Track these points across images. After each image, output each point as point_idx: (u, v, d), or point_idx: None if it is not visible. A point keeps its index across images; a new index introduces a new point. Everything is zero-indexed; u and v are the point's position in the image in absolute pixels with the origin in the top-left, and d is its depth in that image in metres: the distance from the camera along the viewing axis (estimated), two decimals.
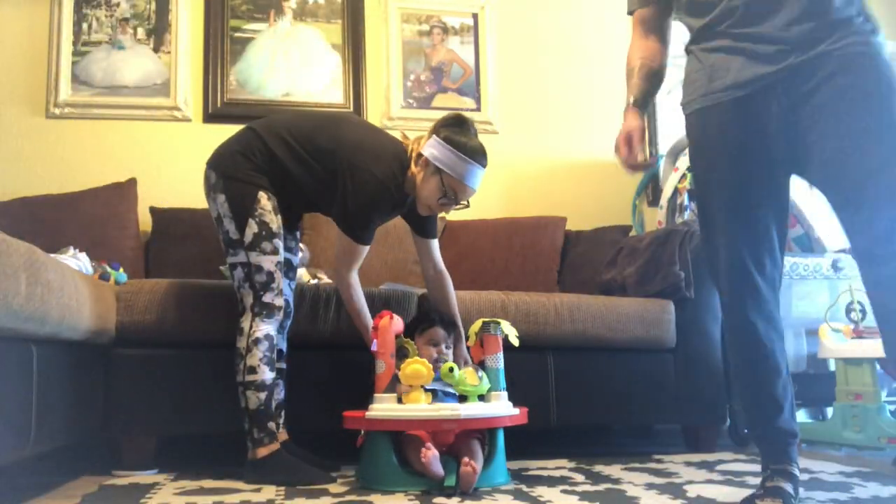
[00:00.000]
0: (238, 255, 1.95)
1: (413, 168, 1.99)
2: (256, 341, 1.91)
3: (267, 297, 1.94)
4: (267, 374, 1.91)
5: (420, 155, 1.97)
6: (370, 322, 1.98)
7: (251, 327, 1.92)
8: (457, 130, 1.96)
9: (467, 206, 2.01)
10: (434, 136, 1.97)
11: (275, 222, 1.97)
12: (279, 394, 2.06)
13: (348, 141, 1.98)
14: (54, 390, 1.66)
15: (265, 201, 1.96)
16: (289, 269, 2.16)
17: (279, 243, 1.98)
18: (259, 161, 1.98)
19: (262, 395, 1.90)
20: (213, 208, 2.00)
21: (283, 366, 2.10)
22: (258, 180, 1.97)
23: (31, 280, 1.39)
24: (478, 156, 1.94)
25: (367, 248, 2.01)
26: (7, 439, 1.42)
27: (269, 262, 1.95)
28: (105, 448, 2.19)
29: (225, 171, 1.97)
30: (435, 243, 2.19)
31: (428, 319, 2.05)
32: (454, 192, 1.95)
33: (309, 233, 3.00)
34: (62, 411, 1.72)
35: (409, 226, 2.20)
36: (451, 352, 2.02)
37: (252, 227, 1.94)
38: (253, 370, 1.90)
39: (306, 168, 2.00)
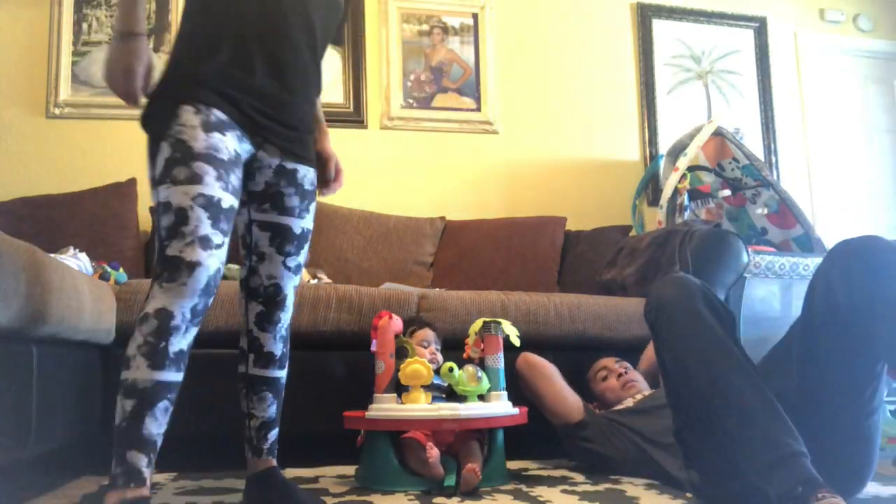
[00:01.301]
0: (153, 199, 1.34)
1: None
2: (143, 319, 1.25)
3: (171, 250, 1.25)
4: (142, 373, 1.23)
5: None
6: None
7: (147, 298, 1.28)
8: None
9: None
10: None
11: (200, 140, 1.30)
12: (263, 410, 1.55)
13: None
14: (54, 390, 1.66)
15: (189, 115, 1.33)
16: (283, 239, 1.52)
17: (205, 169, 1.29)
18: (173, 65, 1.42)
19: (129, 404, 1.23)
20: None
21: (275, 374, 1.58)
22: (179, 90, 1.38)
23: (31, 280, 1.39)
24: None
25: None
26: (7, 439, 1.42)
27: (180, 196, 1.27)
28: (105, 448, 2.18)
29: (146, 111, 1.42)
30: None
31: (418, 321, 2.13)
32: None
33: None
34: (62, 411, 1.71)
35: None
36: (439, 353, 2.07)
37: (164, 152, 1.31)
38: (126, 363, 1.25)
39: None
